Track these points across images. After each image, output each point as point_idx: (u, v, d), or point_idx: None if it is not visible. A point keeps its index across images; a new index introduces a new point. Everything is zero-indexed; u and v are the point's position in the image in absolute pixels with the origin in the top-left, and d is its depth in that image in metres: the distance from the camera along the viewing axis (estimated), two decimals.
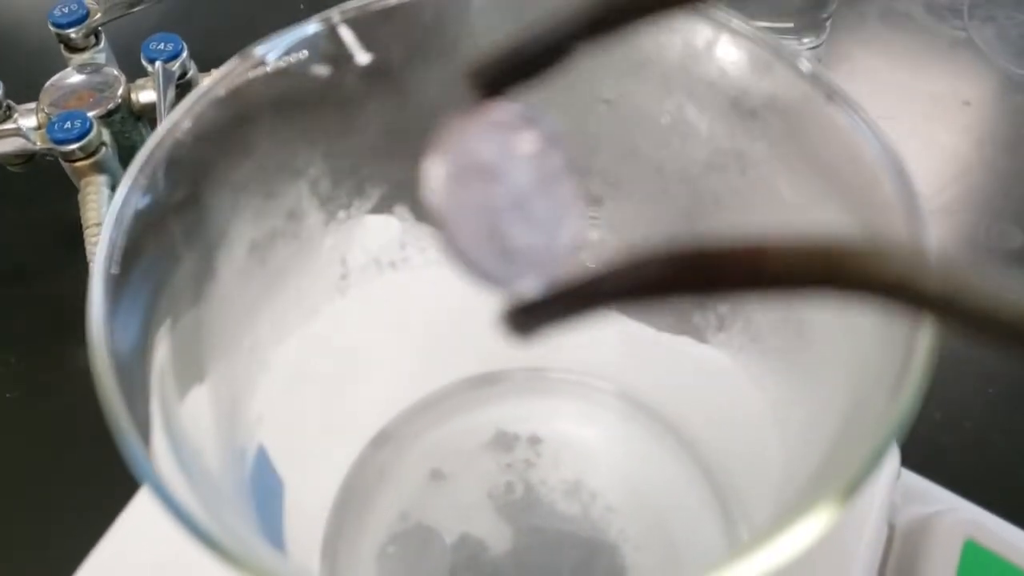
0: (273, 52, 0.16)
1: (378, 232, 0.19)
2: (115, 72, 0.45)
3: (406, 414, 0.25)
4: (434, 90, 0.17)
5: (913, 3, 0.56)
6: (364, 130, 0.17)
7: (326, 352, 0.21)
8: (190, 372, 0.16)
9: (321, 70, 0.16)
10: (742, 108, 0.17)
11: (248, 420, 0.18)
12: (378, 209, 0.19)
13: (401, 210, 0.19)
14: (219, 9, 0.58)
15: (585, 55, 0.11)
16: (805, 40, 0.50)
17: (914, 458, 0.38)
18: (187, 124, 0.15)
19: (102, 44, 0.48)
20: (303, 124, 0.17)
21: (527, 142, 0.11)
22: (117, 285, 0.13)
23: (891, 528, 0.27)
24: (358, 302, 0.21)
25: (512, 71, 0.11)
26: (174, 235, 0.15)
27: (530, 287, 0.11)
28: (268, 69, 0.16)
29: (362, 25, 0.16)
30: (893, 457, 0.27)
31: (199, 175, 0.15)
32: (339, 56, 0.17)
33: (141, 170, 0.14)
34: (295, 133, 0.17)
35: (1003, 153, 0.50)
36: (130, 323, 0.14)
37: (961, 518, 0.30)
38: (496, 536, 0.23)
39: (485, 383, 0.27)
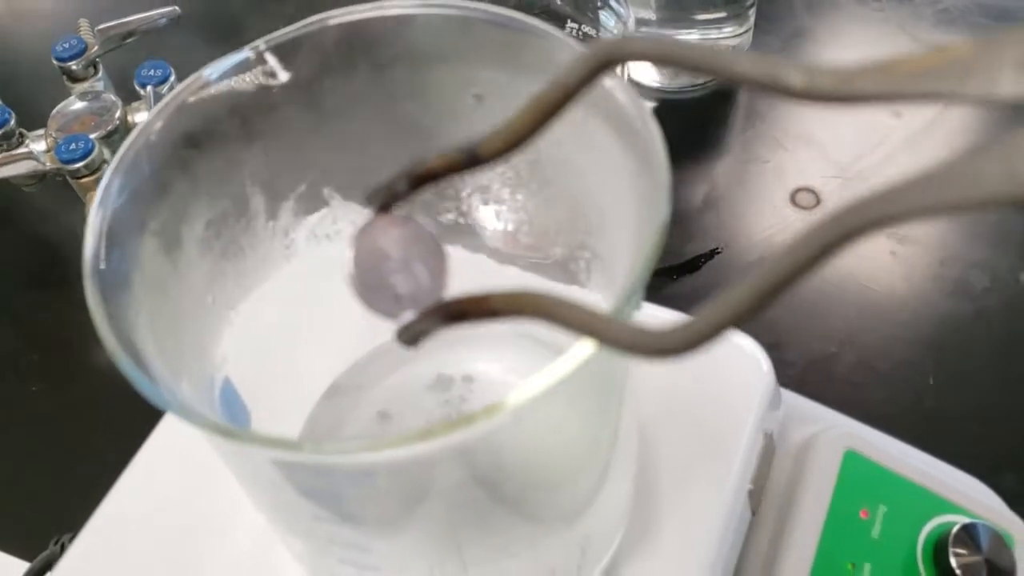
0: (215, 73, 0.21)
1: (313, 209, 0.24)
2: (112, 98, 0.51)
3: (356, 367, 0.31)
4: (344, 99, 0.23)
5: None
6: (293, 129, 0.23)
7: (279, 310, 0.26)
8: (167, 322, 0.21)
9: (251, 86, 0.22)
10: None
11: (215, 359, 0.23)
12: (310, 191, 0.24)
13: (329, 191, 0.25)
14: (202, 36, 0.64)
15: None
16: (727, 29, 0.55)
17: (811, 386, 0.43)
18: (154, 129, 0.20)
19: (100, 73, 0.53)
20: (245, 126, 0.22)
21: (406, 232, 0.19)
22: (107, 264, 0.19)
23: (768, 437, 0.32)
24: (302, 269, 0.26)
25: (393, 197, 0.19)
26: (147, 215, 0.20)
27: (411, 315, 0.19)
28: (212, 87, 0.21)
29: (282, 50, 0.22)
30: (764, 371, 0.31)
31: (164, 168, 0.20)
32: (267, 74, 0.22)
33: (118, 166, 0.19)
34: (239, 133, 0.22)
35: (920, 124, 0.54)
36: (118, 287, 0.19)
37: (843, 432, 0.35)
38: None
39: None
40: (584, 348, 0.17)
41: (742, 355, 0.32)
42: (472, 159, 0.18)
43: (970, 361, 0.45)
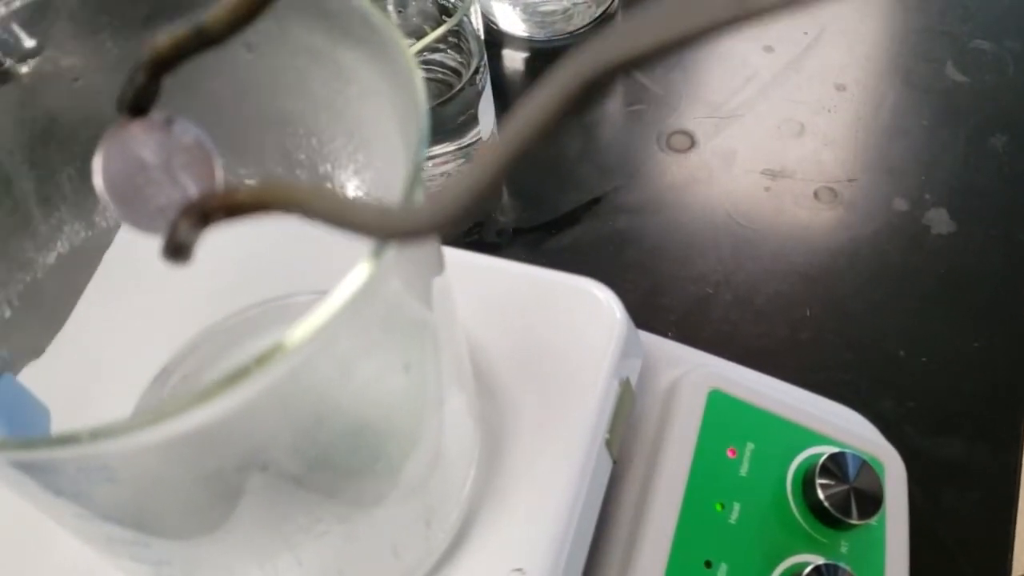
0: None
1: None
2: None
3: (185, 350, 0.29)
4: (100, 67, 0.21)
5: None
6: (50, 105, 0.21)
7: (88, 304, 0.25)
8: None
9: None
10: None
11: None
12: (80, 173, 0.23)
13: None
14: None
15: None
16: None
17: (690, 328, 0.43)
18: None
19: None
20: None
21: (164, 136, 0.17)
22: None
23: (625, 384, 0.31)
24: (123, 258, 0.24)
25: (139, 95, 0.17)
26: None
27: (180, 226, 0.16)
28: None
29: (26, 15, 0.20)
30: (618, 318, 0.31)
31: None
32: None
33: None
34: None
35: (790, 57, 0.54)
36: None
37: (707, 372, 0.34)
38: None
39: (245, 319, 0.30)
40: (360, 273, 0.15)
41: (595, 303, 0.31)
42: (201, 37, 0.16)
43: (842, 289, 0.45)
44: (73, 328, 0.26)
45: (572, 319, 0.31)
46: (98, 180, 0.17)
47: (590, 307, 0.31)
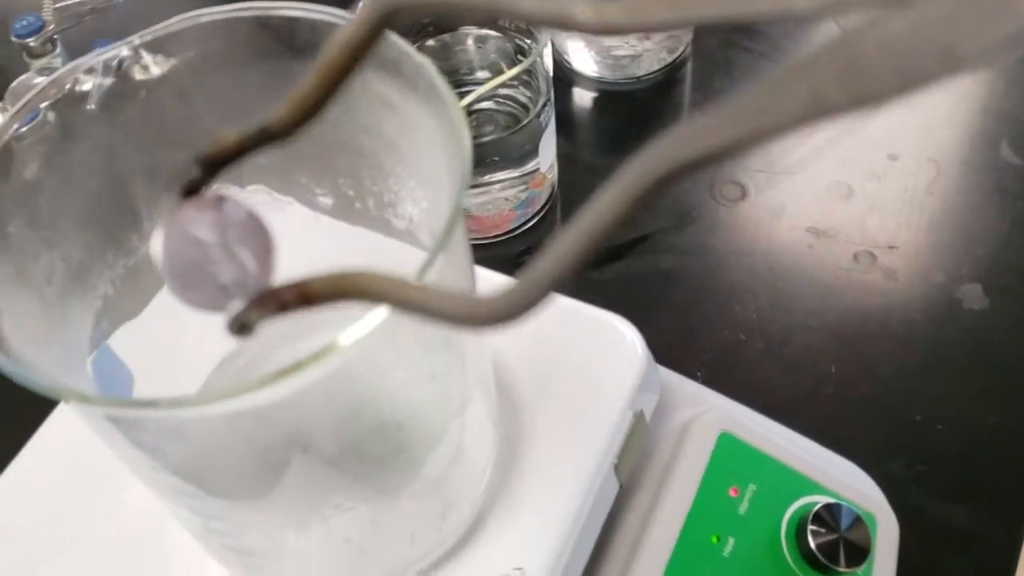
0: (89, 65, 0.23)
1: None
2: None
3: (241, 346, 0.33)
4: (214, 93, 0.25)
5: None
6: (167, 120, 0.25)
7: (164, 301, 0.28)
8: (33, 298, 0.23)
9: (125, 78, 0.24)
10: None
11: (84, 329, 0.25)
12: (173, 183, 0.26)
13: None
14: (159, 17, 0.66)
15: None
16: None
17: (720, 372, 0.45)
18: (23, 115, 0.23)
19: (58, 50, 0.55)
20: (117, 118, 0.24)
21: (221, 214, 0.17)
22: None
23: (639, 416, 0.34)
24: None
25: (194, 185, 0.18)
26: (18, 199, 0.22)
27: (239, 305, 0.17)
28: (87, 79, 0.23)
29: (155, 45, 0.24)
30: (639, 355, 0.33)
31: (37, 151, 0.23)
32: (142, 68, 0.24)
33: None
34: (111, 123, 0.24)
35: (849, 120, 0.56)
36: None
37: (721, 415, 0.37)
38: None
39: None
40: None
41: (620, 338, 0.34)
42: (264, 135, 0.17)
43: (870, 351, 0.47)
44: (151, 314, 0.30)
45: (596, 350, 0.34)
46: (160, 263, 0.17)
47: (614, 341, 0.34)
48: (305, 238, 0.20)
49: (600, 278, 0.50)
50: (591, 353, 0.34)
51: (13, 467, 0.32)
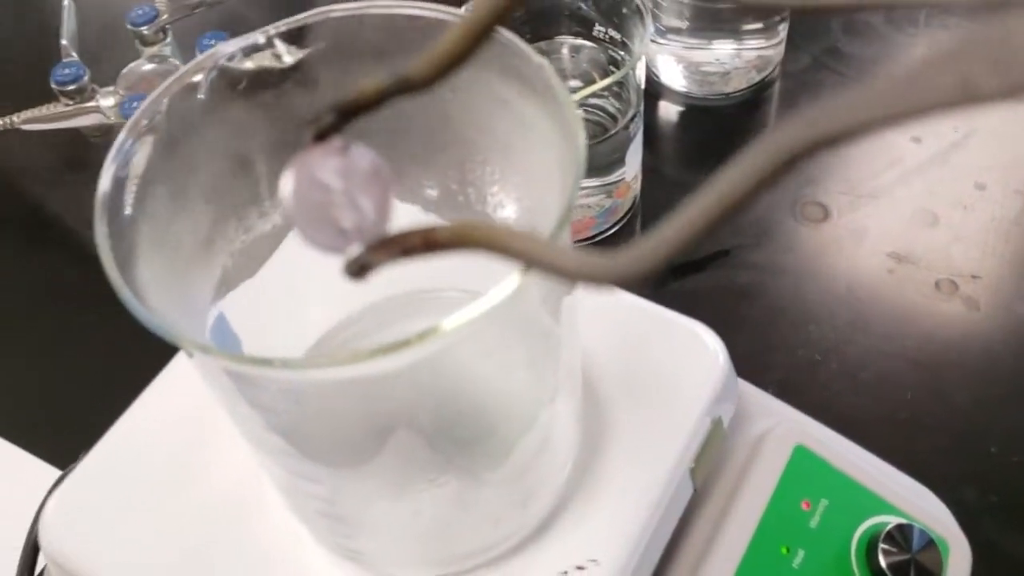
0: (228, 51, 0.25)
1: None
2: (177, 62, 0.56)
3: (350, 319, 0.34)
4: (342, 82, 0.26)
5: (875, 14, 0.63)
6: (295, 106, 0.26)
7: (280, 260, 0.30)
8: (168, 260, 0.25)
9: (259, 65, 0.25)
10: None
11: (210, 295, 0.27)
12: None
13: None
14: (266, 11, 0.68)
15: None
16: (756, 41, 0.57)
17: (793, 389, 0.45)
18: (172, 92, 0.24)
19: (169, 39, 0.58)
20: (252, 100, 0.26)
21: (348, 163, 0.18)
22: (114, 206, 0.23)
23: (717, 423, 0.34)
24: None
25: (326, 130, 0.18)
26: (157, 166, 0.24)
27: (356, 250, 0.18)
28: (225, 64, 0.25)
29: (289, 36, 0.25)
30: (720, 364, 0.34)
31: (175, 128, 0.24)
32: (275, 56, 0.26)
33: (133, 125, 0.23)
34: (246, 105, 0.26)
35: (936, 150, 0.56)
36: (126, 226, 0.23)
37: (797, 428, 0.37)
38: None
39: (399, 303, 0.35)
40: (511, 282, 0.19)
41: (702, 345, 0.35)
42: (402, 85, 0.18)
43: (947, 380, 0.46)
44: (260, 283, 0.31)
45: (679, 355, 0.35)
46: (286, 201, 0.18)
47: (697, 348, 0.35)
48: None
49: (679, 288, 0.51)
50: (673, 358, 0.35)
51: (123, 420, 0.33)
